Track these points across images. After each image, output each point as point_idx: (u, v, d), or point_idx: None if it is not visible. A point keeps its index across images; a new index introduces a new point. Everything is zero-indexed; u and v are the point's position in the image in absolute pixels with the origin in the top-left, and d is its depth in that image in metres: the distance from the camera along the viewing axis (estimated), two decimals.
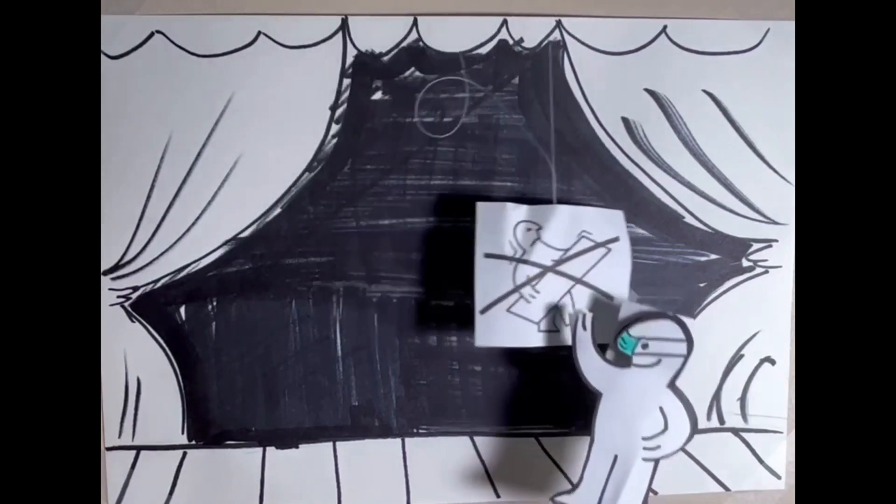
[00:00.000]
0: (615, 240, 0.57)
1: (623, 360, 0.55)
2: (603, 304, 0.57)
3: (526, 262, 0.56)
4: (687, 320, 0.55)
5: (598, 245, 0.56)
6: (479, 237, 0.56)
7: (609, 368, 0.55)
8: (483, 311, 0.56)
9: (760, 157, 0.61)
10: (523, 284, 0.56)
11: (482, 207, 0.57)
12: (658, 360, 0.55)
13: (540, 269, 0.56)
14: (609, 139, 0.60)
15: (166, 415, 0.60)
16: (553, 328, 0.57)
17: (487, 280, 0.56)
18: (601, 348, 0.56)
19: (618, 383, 0.55)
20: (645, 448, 0.55)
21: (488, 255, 0.56)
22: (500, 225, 0.56)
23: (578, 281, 0.56)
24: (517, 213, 0.56)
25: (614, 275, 0.57)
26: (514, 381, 0.61)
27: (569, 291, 0.56)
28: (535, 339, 0.57)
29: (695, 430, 0.56)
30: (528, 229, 0.56)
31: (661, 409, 0.55)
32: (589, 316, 0.55)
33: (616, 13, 0.59)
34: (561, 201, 0.59)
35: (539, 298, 0.56)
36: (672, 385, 0.55)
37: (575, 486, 0.56)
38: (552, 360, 0.60)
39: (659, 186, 0.61)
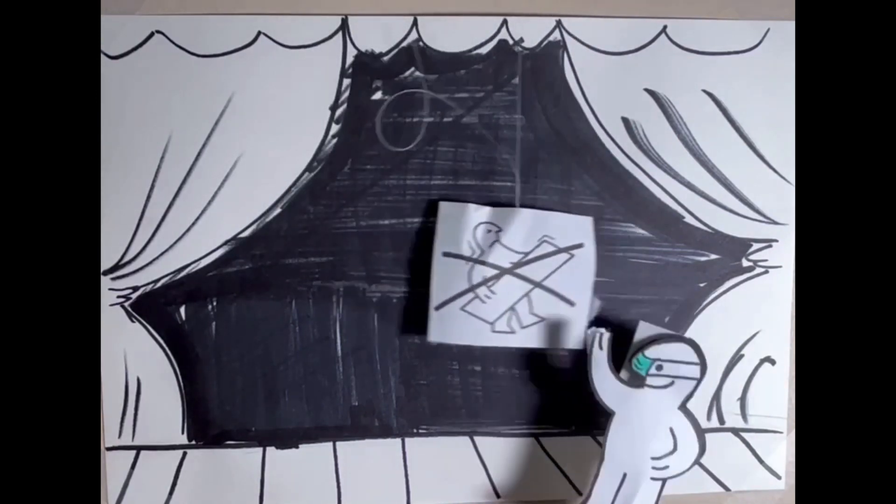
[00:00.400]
0: (579, 246, 0.57)
1: (637, 381, 0.56)
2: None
3: (483, 262, 0.57)
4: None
5: (560, 250, 0.57)
6: (438, 235, 0.57)
7: (623, 388, 0.56)
8: (438, 308, 0.57)
9: (760, 157, 0.61)
10: (478, 285, 0.57)
11: (444, 207, 0.58)
12: (671, 381, 0.56)
13: (496, 270, 0.56)
14: (609, 139, 0.60)
15: (166, 415, 0.60)
16: (508, 329, 0.57)
17: (444, 278, 0.57)
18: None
19: (631, 403, 0.56)
20: (654, 468, 0.56)
21: (446, 254, 0.57)
22: (461, 225, 0.57)
23: (537, 285, 0.57)
24: (478, 214, 0.57)
25: (576, 280, 0.58)
26: (514, 381, 0.61)
27: (527, 295, 0.57)
28: (488, 339, 0.58)
29: (703, 452, 0.57)
30: (489, 231, 0.57)
31: (672, 430, 0.56)
32: (608, 335, 0.56)
33: (616, 13, 0.59)
34: (525, 205, 0.59)
35: (494, 299, 0.57)
36: (683, 407, 0.56)
37: (583, 502, 0.57)
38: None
39: (659, 186, 0.61)
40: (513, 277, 0.57)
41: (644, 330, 0.57)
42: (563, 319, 0.58)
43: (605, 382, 0.56)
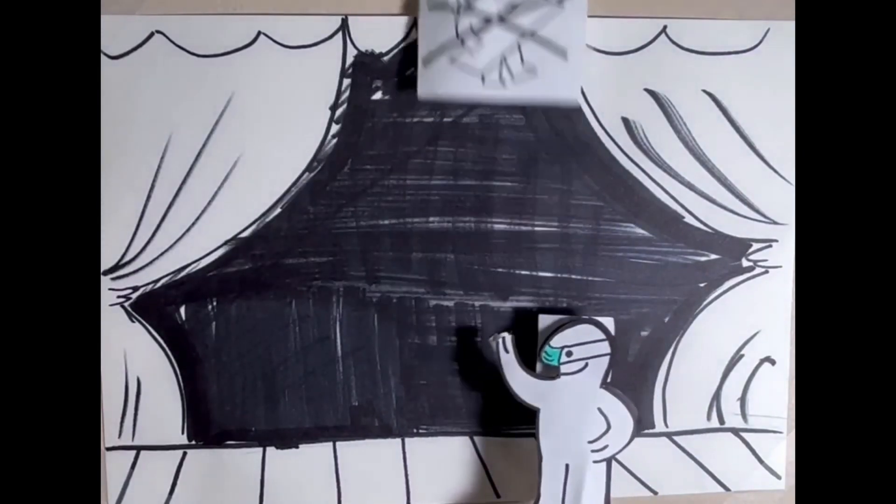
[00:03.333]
0: None
1: (552, 372, 0.56)
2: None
3: (469, 10, 0.55)
4: (604, 320, 0.56)
5: None
6: None
7: (540, 383, 0.56)
8: (426, 63, 0.56)
9: (760, 157, 0.61)
10: (466, 34, 0.55)
11: None
12: (585, 364, 0.56)
13: (483, 18, 0.55)
14: (609, 139, 0.60)
15: (166, 415, 0.60)
16: (500, 84, 0.56)
17: (430, 30, 0.55)
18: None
19: (552, 395, 0.56)
20: (593, 451, 0.56)
21: (432, 7, 0.55)
22: None
23: (528, 35, 0.55)
24: None
25: (569, 28, 0.56)
26: None
27: (518, 45, 0.56)
28: (477, 91, 0.56)
29: (638, 423, 0.57)
30: None
31: (601, 410, 0.56)
32: (510, 338, 0.56)
33: (616, 13, 0.59)
34: None
35: (483, 50, 0.55)
36: (605, 384, 0.56)
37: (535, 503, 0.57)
38: None
39: (659, 186, 0.61)
40: (502, 28, 0.55)
41: (544, 321, 0.57)
42: (555, 73, 0.56)
43: (520, 383, 0.56)
